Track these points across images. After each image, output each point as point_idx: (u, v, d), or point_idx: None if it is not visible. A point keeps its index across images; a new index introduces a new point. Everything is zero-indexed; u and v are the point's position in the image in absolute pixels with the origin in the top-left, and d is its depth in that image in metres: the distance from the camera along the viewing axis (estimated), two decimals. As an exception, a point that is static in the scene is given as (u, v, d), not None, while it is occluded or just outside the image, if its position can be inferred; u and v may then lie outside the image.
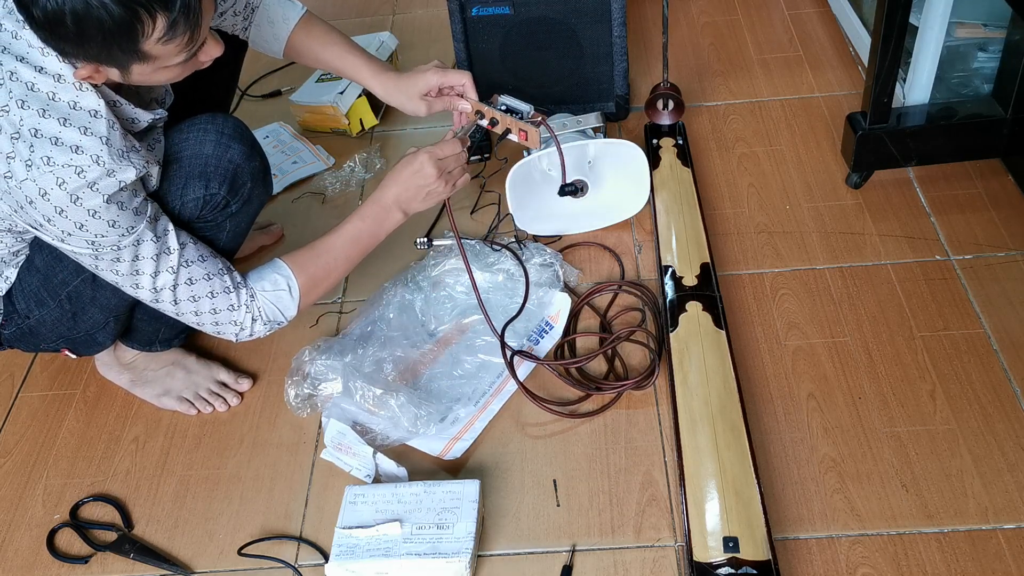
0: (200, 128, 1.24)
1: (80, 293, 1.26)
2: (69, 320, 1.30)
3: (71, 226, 1.07)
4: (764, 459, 1.29)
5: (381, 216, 1.34)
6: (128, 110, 1.13)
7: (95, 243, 1.10)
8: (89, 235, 1.08)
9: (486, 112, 1.40)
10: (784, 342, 1.45)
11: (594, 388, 1.41)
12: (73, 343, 1.36)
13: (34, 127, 1.03)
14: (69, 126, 1.04)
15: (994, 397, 1.34)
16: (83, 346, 1.38)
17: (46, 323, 1.29)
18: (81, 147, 1.04)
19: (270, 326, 1.29)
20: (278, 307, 1.28)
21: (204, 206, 1.24)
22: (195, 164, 1.22)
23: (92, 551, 1.29)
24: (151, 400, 1.48)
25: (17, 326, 1.30)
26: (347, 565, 1.18)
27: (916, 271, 1.54)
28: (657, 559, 1.20)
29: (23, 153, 1.03)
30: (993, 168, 1.70)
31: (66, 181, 1.03)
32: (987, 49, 1.70)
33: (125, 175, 1.07)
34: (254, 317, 1.27)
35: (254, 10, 1.41)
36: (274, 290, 1.27)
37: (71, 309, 1.28)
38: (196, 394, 1.47)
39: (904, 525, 1.20)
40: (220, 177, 1.23)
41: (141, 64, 1.03)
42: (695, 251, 1.56)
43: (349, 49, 1.44)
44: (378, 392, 1.35)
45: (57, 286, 1.25)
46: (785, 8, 2.25)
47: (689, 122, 1.91)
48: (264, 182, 1.32)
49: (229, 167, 1.24)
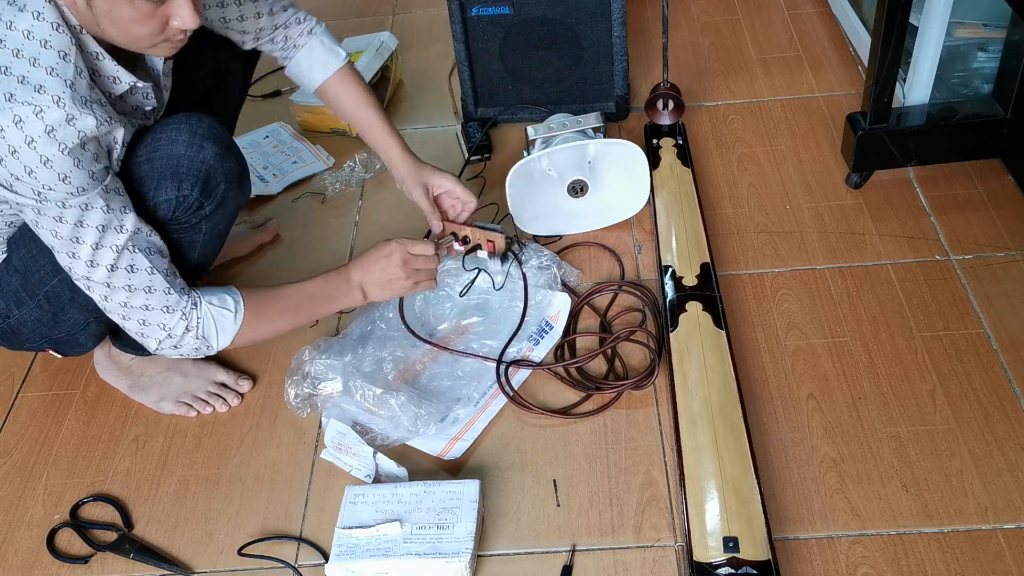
0: (173, 128, 1.21)
1: (58, 293, 1.25)
2: (49, 320, 1.29)
3: (21, 170, 1.03)
4: (764, 459, 1.29)
5: (342, 288, 1.34)
6: (109, 65, 1.11)
7: (41, 195, 1.05)
8: (37, 184, 1.04)
9: (458, 231, 1.50)
10: (784, 342, 1.45)
11: (594, 388, 1.41)
12: (56, 343, 1.35)
13: (5, 65, 1.01)
14: (37, 66, 1.02)
15: (994, 397, 1.34)
16: (66, 347, 1.37)
17: (27, 323, 1.29)
18: (44, 87, 1.01)
19: (198, 345, 1.23)
20: (216, 325, 1.23)
21: (177, 207, 1.21)
22: (167, 164, 1.19)
23: (92, 551, 1.29)
24: (150, 405, 1.47)
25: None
26: (347, 565, 1.18)
27: (916, 271, 1.54)
28: (657, 559, 1.20)
29: None
30: (993, 168, 1.70)
31: (23, 120, 1.00)
32: (987, 49, 1.70)
33: (84, 123, 1.04)
34: (188, 327, 1.21)
35: (296, 48, 1.46)
36: (220, 306, 1.23)
37: (50, 309, 1.27)
38: (194, 397, 1.46)
39: (904, 525, 1.20)
40: (192, 178, 1.20)
41: None
42: (695, 251, 1.56)
43: (377, 114, 1.50)
44: (378, 391, 1.35)
45: (35, 285, 1.24)
46: (785, 8, 2.25)
47: (689, 122, 1.91)
48: (240, 184, 1.29)
49: (202, 168, 1.21)
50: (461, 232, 1.50)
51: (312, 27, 1.46)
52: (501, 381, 1.42)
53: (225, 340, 1.25)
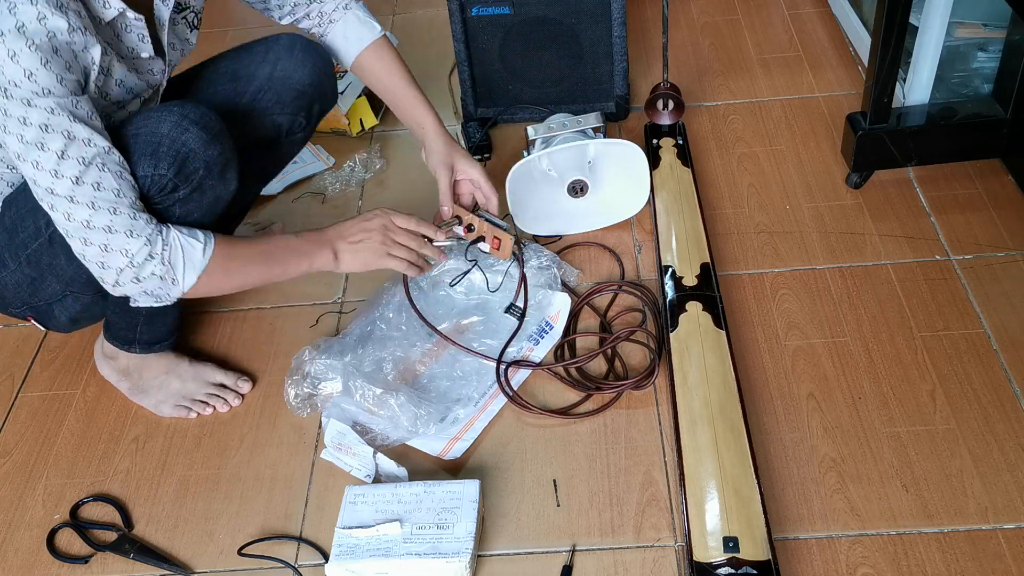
0: (166, 108, 1.20)
1: (38, 258, 1.24)
2: (29, 286, 1.28)
3: None
4: (764, 459, 1.29)
5: (314, 244, 1.31)
6: None
7: (7, 91, 1.04)
8: (4, 79, 1.03)
9: (464, 217, 1.48)
10: (784, 342, 1.45)
11: (594, 388, 1.41)
12: (36, 312, 1.35)
13: None
14: None
15: (994, 397, 1.34)
16: (45, 318, 1.36)
17: (8, 286, 1.29)
18: None
19: (162, 274, 1.17)
20: (184, 255, 1.18)
21: (151, 186, 1.18)
22: (149, 141, 1.17)
23: (92, 551, 1.29)
24: (150, 408, 1.47)
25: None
26: (347, 565, 1.18)
27: (916, 271, 1.54)
28: (657, 559, 1.20)
29: None
30: (993, 168, 1.70)
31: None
32: (987, 49, 1.70)
33: (55, 23, 1.03)
34: (152, 253, 1.15)
35: (332, 23, 1.46)
36: (189, 237, 1.18)
37: (30, 274, 1.27)
38: (192, 399, 1.45)
39: (904, 525, 1.20)
40: (170, 158, 1.17)
41: None
42: (695, 251, 1.56)
43: (413, 86, 1.52)
44: (378, 391, 1.35)
45: (18, 247, 1.24)
46: (785, 8, 2.25)
47: (689, 122, 1.91)
48: (222, 175, 1.25)
49: (181, 149, 1.18)
50: (466, 219, 1.48)
51: (347, 2, 1.47)
52: (501, 381, 1.42)
53: (191, 276, 1.19)
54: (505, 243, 1.49)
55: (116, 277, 1.17)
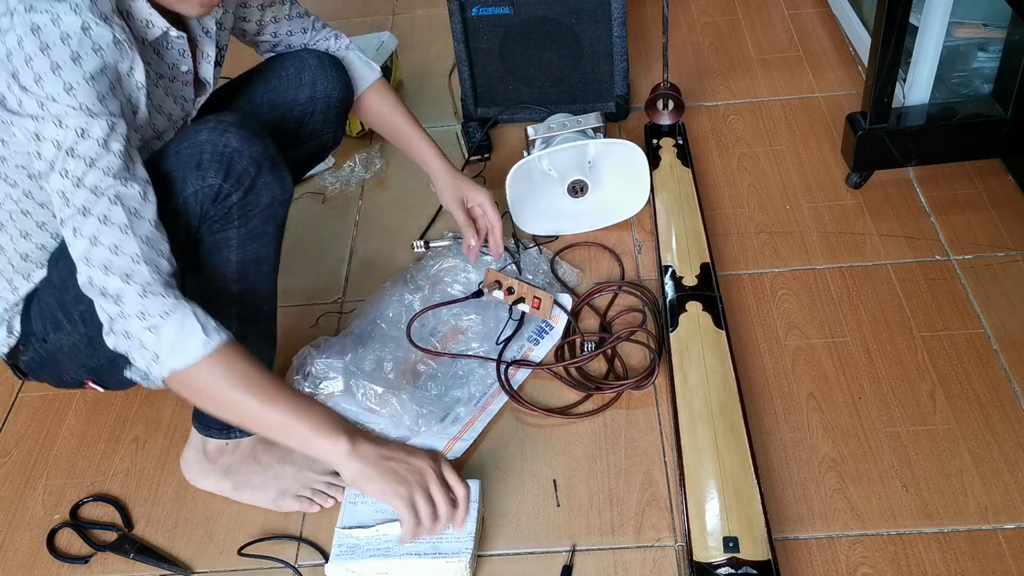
0: (199, 120, 1.15)
1: (94, 314, 1.09)
2: (87, 346, 1.18)
3: (30, 80, 0.96)
4: (764, 459, 1.29)
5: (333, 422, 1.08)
6: (143, 7, 1.06)
7: (44, 105, 0.97)
8: (42, 93, 0.97)
9: (504, 281, 1.50)
10: (784, 342, 1.45)
11: (594, 388, 1.41)
12: (96, 373, 1.25)
13: None
14: None
15: (994, 397, 1.34)
16: (107, 375, 1.26)
17: (64, 348, 1.20)
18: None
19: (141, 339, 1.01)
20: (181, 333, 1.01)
21: (204, 200, 1.11)
22: (191, 154, 1.10)
23: (92, 551, 1.29)
24: (266, 506, 1.31)
25: (35, 351, 1.22)
26: (347, 565, 1.18)
27: (916, 271, 1.54)
28: (657, 559, 1.20)
29: (11, 4, 0.97)
30: (993, 168, 1.70)
31: (41, 28, 0.96)
32: (987, 49, 1.70)
33: (100, 34, 0.98)
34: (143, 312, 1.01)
35: None
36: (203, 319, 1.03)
37: (86, 332, 1.17)
38: (313, 490, 1.30)
39: (904, 525, 1.20)
40: (216, 163, 1.10)
41: None
42: (695, 251, 1.56)
43: (415, 125, 1.54)
44: (380, 390, 1.35)
45: (70, 304, 1.16)
46: (785, 8, 2.25)
47: (689, 122, 1.91)
48: (273, 171, 1.15)
49: (225, 151, 1.10)
50: (506, 283, 1.51)
51: (348, 44, 1.48)
52: (502, 379, 1.42)
53: (171, 361, 1.02)
54: (545, 303, 1.50)
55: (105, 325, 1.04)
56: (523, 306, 1.49)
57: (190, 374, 1.03)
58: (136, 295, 1.01)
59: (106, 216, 1.00)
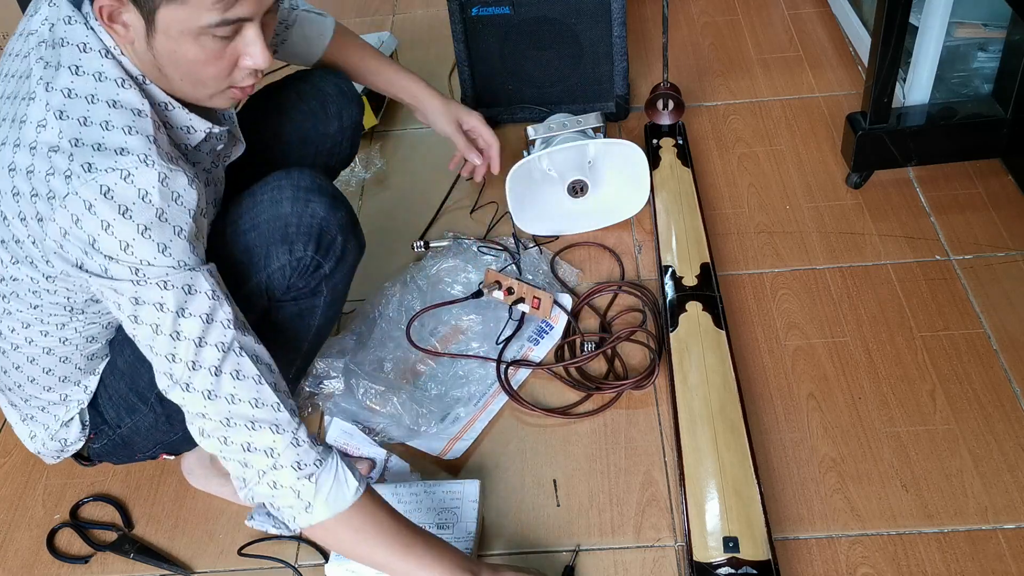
0: (273, 186, 1.10)
1: None
2: (164, 424, 1.16)
3: (116, 247, 0.89)
4: (764, 459, 1.29)
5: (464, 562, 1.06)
6: (181, 115, 0.99)
7: (140, 272, 0.90)
8: (134, 260, 0.90)
9: (504, 281, 1.49)
10: (784, 342, 1.45)
11: (594, 388, 1.41)
12: (171, 446, 1.24)
13: (74, 136, 0.89)
14: (111, 128, 0.90)
15: (994, 397, 1.34)
16: (181, 445, 1.24)
17: (140, 430, 1.18)
18: (126, 148, 0.89)
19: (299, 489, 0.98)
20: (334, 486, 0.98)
21: (292, 273, 1.08)
22: (275, 227, 1.07)
23: (92, 551, 1.29)
24: None
25: (109, 438, 1.19)
26: (347, 565, 1.18)
27: (916, 271, 1.54)
28: (657, 559, 1.20)
29: (61, 165, 0.88)
30: (993, 168, 1.70)
31: (112, 189, 0.87)
32: (987, 49, 1.70)
33: (177, 182, 0.91)
34: (299, 462, 0.97)
35: (288, 27, 1.36)
36: (348, 470, 1.00)
37: (164, 412, 1.14)
38: None
39: (904, 525, 1.20)
40: (305, 236, 1.07)
41: (167, 5, 0.87)
42: (695, 251, 1.56)
43: (388, 61, 1.49)
44: (380, 389, 1.35)
45: (145, 388, 1.12)
46: (785, 8, 2.25)
47: (689, 122, 1.91)
48: (355, 233, 1.15)
49: (312, 223, 1.07)
50: (506, 283, 1.50)
51: (292, 1, 1.37)
52: (502, 379, 1.42)
53: (324, 511, 0.98)
54: (545, 303, 1.50)
55: (256, 479, 0.99)
56: (523, 306, 1.49)
57: (337, 521, 0.99)
58: (289, 444, 0.97)
59: (238, 371, 0.95)
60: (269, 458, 0.97)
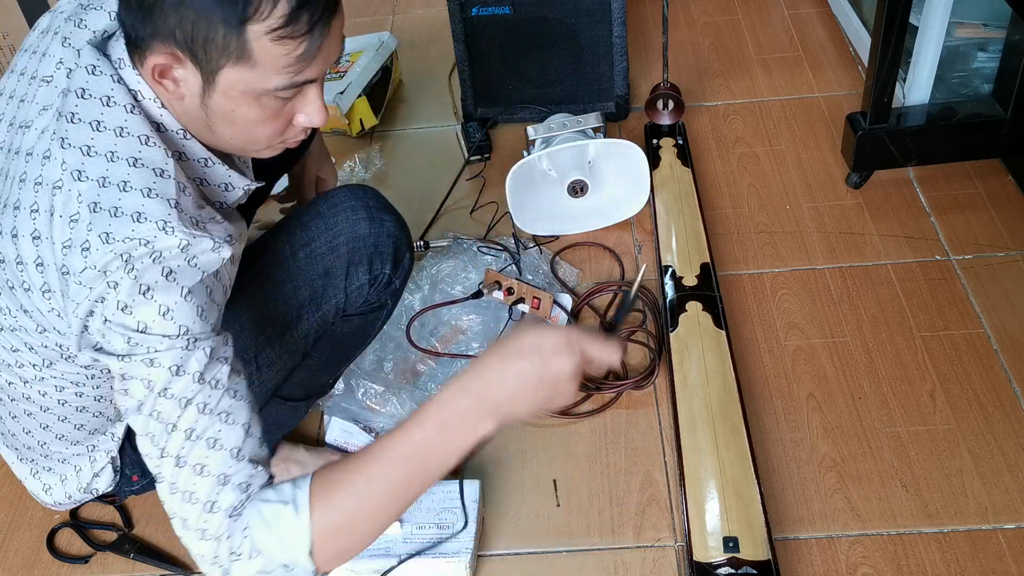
0: (347, 206, 1.11)
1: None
2: None
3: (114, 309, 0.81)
4: (764, 459, 1.29)
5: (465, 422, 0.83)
6: (220, 171, 0.92)
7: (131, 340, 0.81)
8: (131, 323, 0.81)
9: (504, 281, 1.49)
10: (784, 342, 1.45)
11: (594, 388, 1.41)
12: None
13: (93, 201, 0.81)
14: (130, 190, 0.82)
15: (994, 397, 1.34)
16: None
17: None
18: (144, 213, 0.81)
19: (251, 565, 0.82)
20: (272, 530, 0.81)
21: (369, 290, 1.12)
22: (356, 248, 1.09)
23: (92, 551, 1.29)
24: None
25: (127, 492, 1.21)
26: (347, 565, 1.18)
27: (916, 271, 1.54)
28: (657, 559, 1.20)
29: (79, 237, 0.81)
30: (993, 168, 1.70)
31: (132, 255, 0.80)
32: (987, 49, 1.70)
33: (199, 245, 0.83)
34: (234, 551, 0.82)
35: None
36: (276, 500, 0.83)
37: None
38: None
39: (904, 525, 1.20)
40: (383, 255, 1.12)
41: (234, 66, 0.81)
42: (695, 251, 1.56)
43: None
44: (380, 389, 1.35)
45: None
46: (785, 8, 2.25)
47: (689, 122, 1.91)
48: (411, 246, 1.19)
49: (389, 242, 1.12)
50: (506, 283, 1.50)
51: None
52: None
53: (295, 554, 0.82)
54: (545, 303, 1.50)
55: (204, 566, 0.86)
56: (523, 306, 1.49)
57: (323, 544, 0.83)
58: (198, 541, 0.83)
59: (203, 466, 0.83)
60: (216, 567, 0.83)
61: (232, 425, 0.84)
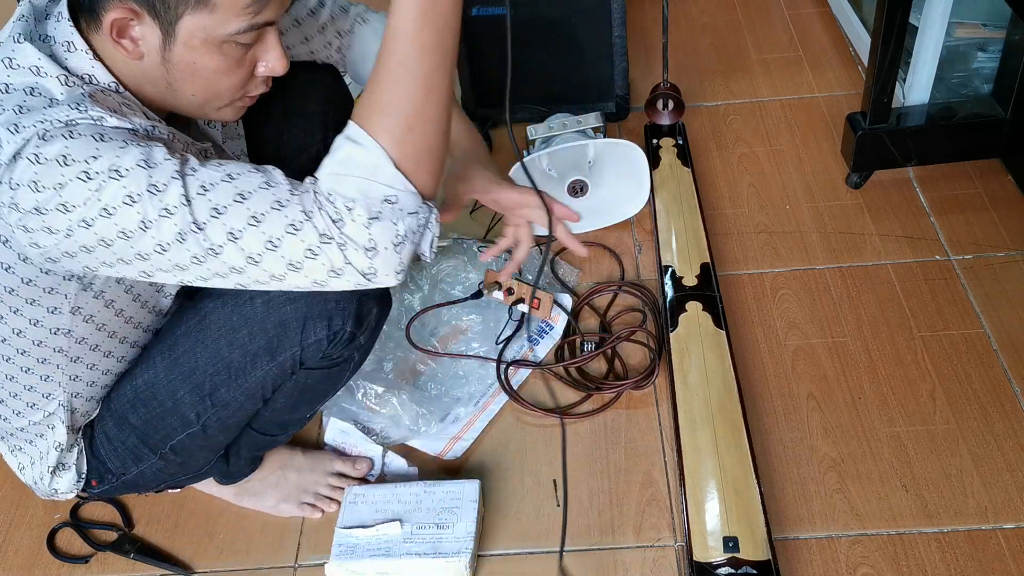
0: None
1: (186, 445, 1.11)
2: (176, 467, 1.16)
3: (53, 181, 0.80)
4: (764, 459, 1.29)
5: None
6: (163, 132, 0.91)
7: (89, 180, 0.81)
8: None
9: (504, 282, 1.49)
10: (784, 342, 1.45)
11: (594, 388, 1.41)
12: (176, 483, 1.26)
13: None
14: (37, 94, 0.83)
15: (994, 397, 1.34)
16: (186, 482, 1.28)
17: (147, 475, 1.16)
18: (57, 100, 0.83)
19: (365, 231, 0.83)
20: (353, 174, 0.83)
21: (328, 346, 1.03)
22: (313, 302, 0.99)
23: (92, 551, 1.29)
24: (266, 511, 1.30)
25: (111, 484, 1.17)
26: (347, 565, 1.18)
27: (916, 271, 1.54)
28: (657, 559, 1.20)
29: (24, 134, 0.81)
30: (993, 168, 1.70)
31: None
32: (987, 49, 1.70)
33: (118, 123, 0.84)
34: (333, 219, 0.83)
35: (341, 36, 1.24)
36: (336, 151, 0.85)
37: (177, 459, 1.14)
38: (316, 495, 1.30)
39: (904, 525, 1.20)
40: (344, 311, 1.01)
41: (193, 13, 0.82)
42: (695, 251, 1.56)
43: None
44: (380, 390, 1.35)
45: (159, 442, 1.11)
46: (785, 8, 2.25)
47: (689, 122, 1.91)
48: (384, 300, 1.07)
49: (352, 296, 1.00)
50: (506, 283, 1.50)
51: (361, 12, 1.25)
52: (502, 379, 1.42)
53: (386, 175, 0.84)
54: (545, 303, 1.50)
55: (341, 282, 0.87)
56: (523, 306, 1.49)
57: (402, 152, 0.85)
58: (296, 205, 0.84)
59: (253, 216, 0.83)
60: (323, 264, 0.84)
61: (241, 177, 0.84)
